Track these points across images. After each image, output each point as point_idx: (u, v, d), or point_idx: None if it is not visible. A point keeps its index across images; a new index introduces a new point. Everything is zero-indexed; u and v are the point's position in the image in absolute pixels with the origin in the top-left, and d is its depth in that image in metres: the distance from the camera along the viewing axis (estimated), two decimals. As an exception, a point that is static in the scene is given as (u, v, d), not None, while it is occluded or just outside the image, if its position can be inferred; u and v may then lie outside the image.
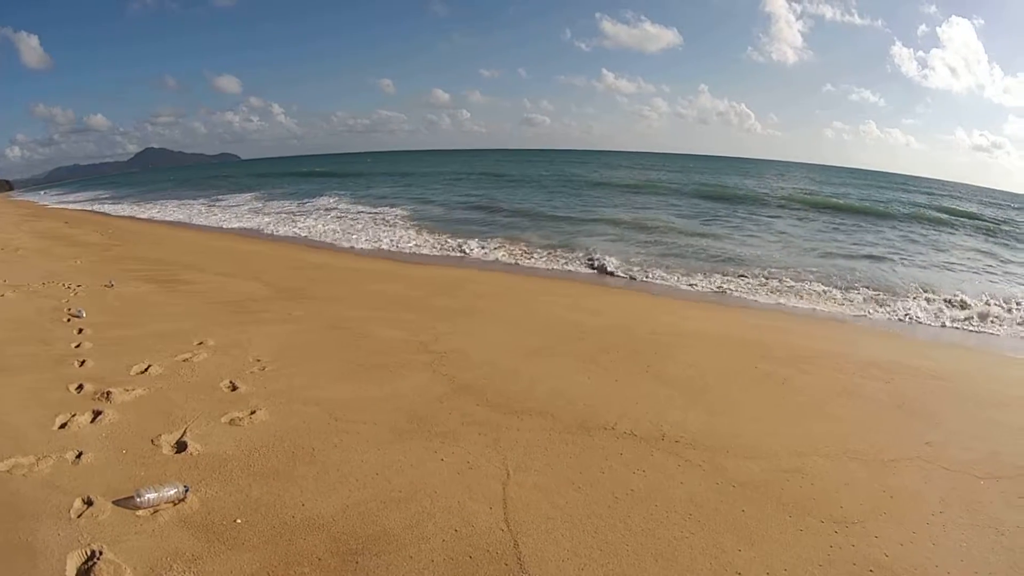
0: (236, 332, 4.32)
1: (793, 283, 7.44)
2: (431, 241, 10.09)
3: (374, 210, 14.75)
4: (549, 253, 8.80)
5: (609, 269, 7.96)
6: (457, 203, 16.32)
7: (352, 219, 13.03)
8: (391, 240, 10.05)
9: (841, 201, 21.18)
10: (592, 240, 10.23)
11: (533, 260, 8.47)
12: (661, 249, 9.43)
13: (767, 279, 7.61)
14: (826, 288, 7.31)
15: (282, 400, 3.08)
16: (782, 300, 6.60)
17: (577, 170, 33.54)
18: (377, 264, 8.19)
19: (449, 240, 9.98)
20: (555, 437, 2.77)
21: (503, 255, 8.67)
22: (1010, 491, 2.76)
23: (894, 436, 3.08)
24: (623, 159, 64.34)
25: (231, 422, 2.90)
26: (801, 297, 6.87)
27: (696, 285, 7.19)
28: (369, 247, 9.57)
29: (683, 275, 7.62)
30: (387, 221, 12.56)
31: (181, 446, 2.87)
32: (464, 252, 8.81)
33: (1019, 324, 6.25)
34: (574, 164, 43.41)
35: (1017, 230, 18.09)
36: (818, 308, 6.56)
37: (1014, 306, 6.80)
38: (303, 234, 11.22)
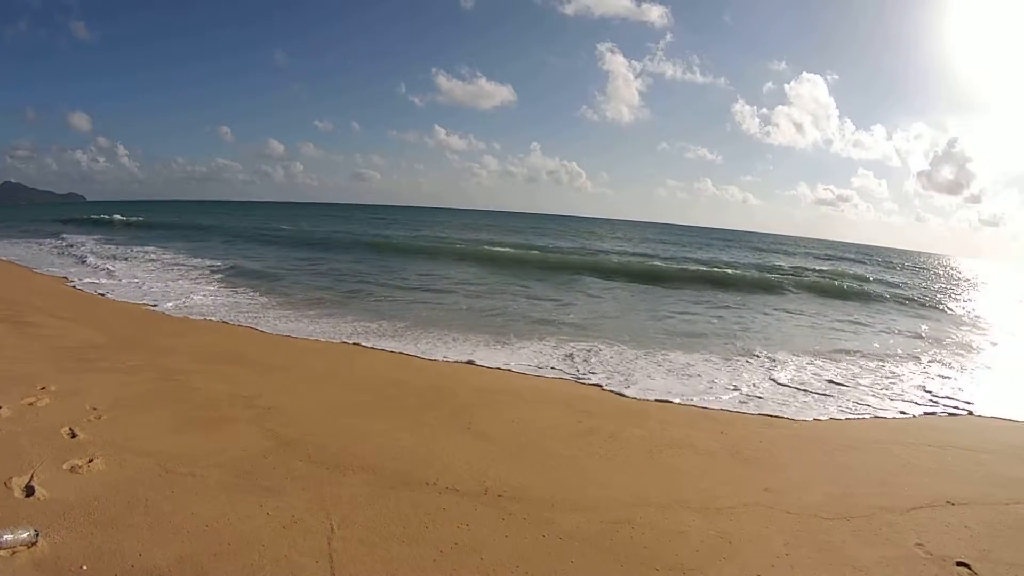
0: (75, 379, 4.59)
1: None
2: (250, 298, 10.38)
3: (196, 260, 15.69)
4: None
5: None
6: (272, 264, 16.59)
7: (174, 272, 13.80)
8: (212, 297, 10.39)
9: (659, 264, 21.90)
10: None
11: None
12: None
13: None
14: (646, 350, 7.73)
15: (117, 450, 3.28)
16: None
17: (387, 230, 34.66)
18: (205, 315, 8.58)
19: (263, 298, 10.41)
20: (378, 492, 2.96)
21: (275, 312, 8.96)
22: (864, 529, 2.93)
23: (730, 484, 3.26)
24: (443, 216, 67.54)
25: (72, 469, 3.09)
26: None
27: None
28: (194, 301, 9.79)
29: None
30: (208, 275, 13.27)
31: (29, 490, 3.05)
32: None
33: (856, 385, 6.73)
34: (386, 223, 44.76)
35: (834, 281, 19.51)
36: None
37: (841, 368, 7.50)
38: (132, 283, 11.54)
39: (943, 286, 24.83)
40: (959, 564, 2.90)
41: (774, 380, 6.55)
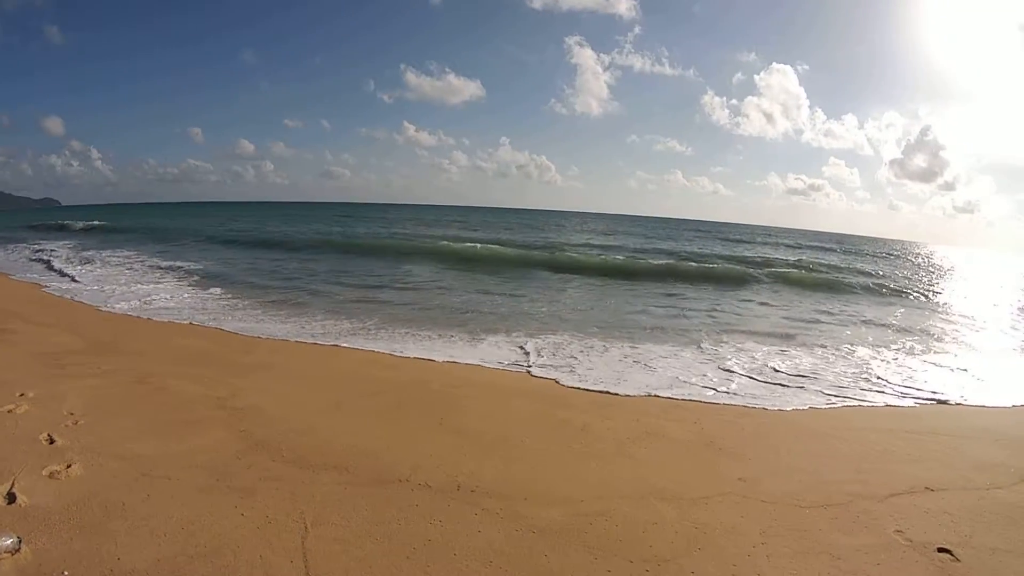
0: (53, 385, 4.65)
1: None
2: (220, 299, 10.55)
3: (167, 263, 15.94)
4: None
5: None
6: (242, 265, 16.71)
7: (146, 275, 13.97)
8: (183, 299, 10.55)
9: (629, 257, 21.79)
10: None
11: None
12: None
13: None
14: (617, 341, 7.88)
15: (94, 454, 3.33)
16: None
17: (357, 228, 34.81)
18: (177, 318, 8.72)
19: (233, 300, 10.57)
20: (351, 491, 3.00)
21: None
22: (842, 517, 2.95)
23: (704, 474, 3.27)
24: (413, 213, 68.01)
25: (51, 475, 3.14)
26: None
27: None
28: (166, 304, 9.94)
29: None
30: (179, 278, 13.48)
31: (11, 497, 3.09)
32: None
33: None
34: (356, 221, 44.76)
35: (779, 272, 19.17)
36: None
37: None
38: (105, 287, 11.68)
39: (915, 274, 24.84)
40: (940, 550, 2.91)
41: (746, 370, 6.61)
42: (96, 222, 35.77)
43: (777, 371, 6.64)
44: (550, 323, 9.08)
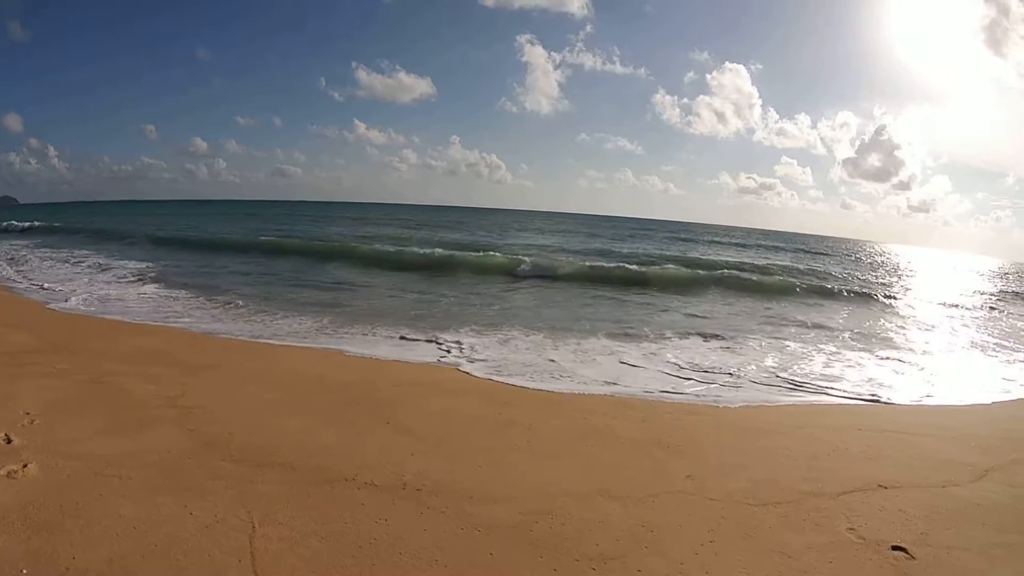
0: (9, 384, 4.71)
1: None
2: (173, 299, 10.68)
3: (121, 263, 16.00)
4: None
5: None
6: (193, 266, 16.75)
7: (101, 274, 14.04)
8: (138, 299, 10.65)
9: (573, 259, 21.20)
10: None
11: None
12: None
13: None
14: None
15: (49, 454, 3.40)
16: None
17: (308, 229, 34.49)
18: (130, 317, 8.78)
19: (186, 299, 10.69)
20: (298, 489, 3.05)
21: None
22: (793, 515, 2.97)
23: (651, 472, 3.30)
24: (361, 212, 67.34)
25: (8, 474, 3.20)
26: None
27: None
28: (121, 304, 9.98)
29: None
30: (133, 277, 13.50)
31: (-28, 497, 3.10)
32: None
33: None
34: (309, 220, 44.59)
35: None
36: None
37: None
38: (60, 287, 11.72)
39: (866, 273, 24.83)
40: (895, 548, 2.92)
41: (693, 369, 6.68)
42: (37, 223, 35.25)
43: (725, 370, 6.70)
44: (497, 324, 9.18)
